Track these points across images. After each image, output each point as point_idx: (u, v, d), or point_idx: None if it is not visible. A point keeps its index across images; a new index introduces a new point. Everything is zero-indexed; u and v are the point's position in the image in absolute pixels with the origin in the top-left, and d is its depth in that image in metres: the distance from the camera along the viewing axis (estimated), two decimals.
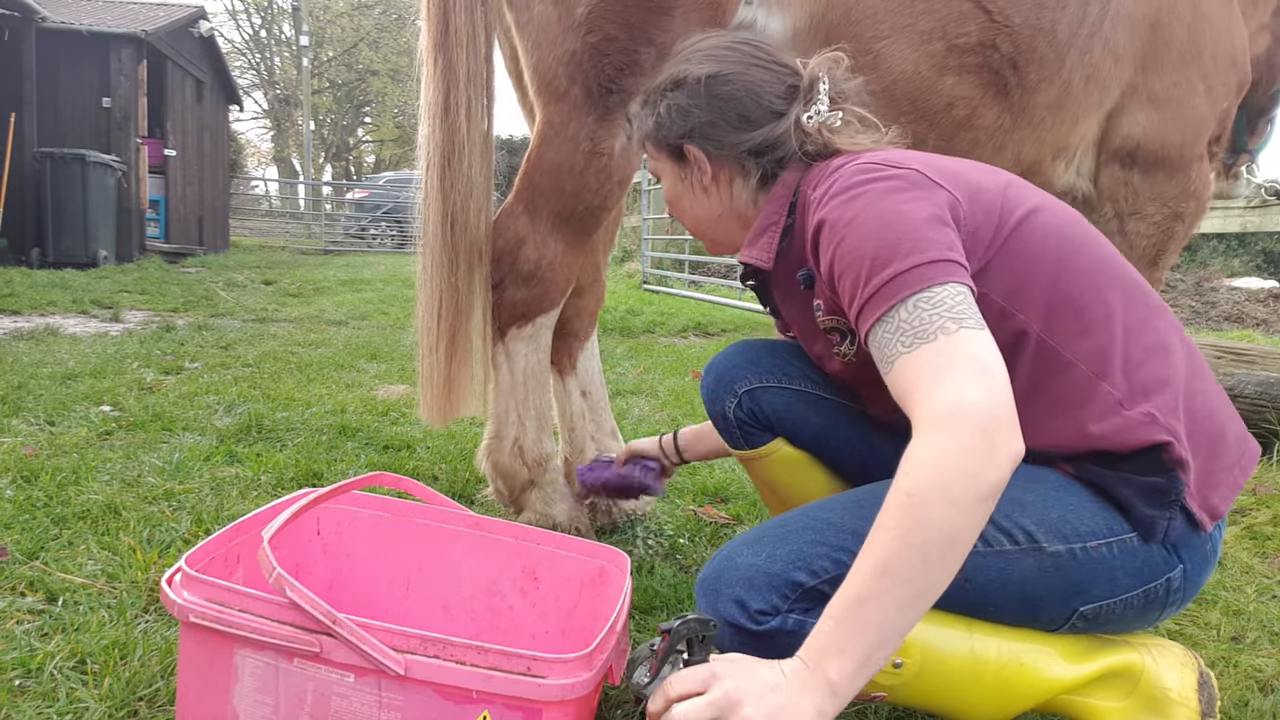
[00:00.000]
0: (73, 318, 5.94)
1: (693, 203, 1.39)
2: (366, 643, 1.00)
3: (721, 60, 1.32)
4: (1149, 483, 1.13)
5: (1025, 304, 1.14)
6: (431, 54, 1.87)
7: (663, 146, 1.37)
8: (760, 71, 1.31)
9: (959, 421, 0.93)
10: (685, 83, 1.32)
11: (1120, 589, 1.16)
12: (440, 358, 1.93)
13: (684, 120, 1.32)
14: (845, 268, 1.09)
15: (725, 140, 1.31)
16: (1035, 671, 1.17)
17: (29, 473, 2.29)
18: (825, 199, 1.17)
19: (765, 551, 1.14)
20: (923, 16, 1.89)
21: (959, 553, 0.93)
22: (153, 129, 12.75)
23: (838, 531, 1.14)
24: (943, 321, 1.00)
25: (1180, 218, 2.20)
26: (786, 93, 1.31)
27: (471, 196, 1.90)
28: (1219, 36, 2.10)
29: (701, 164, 1.34)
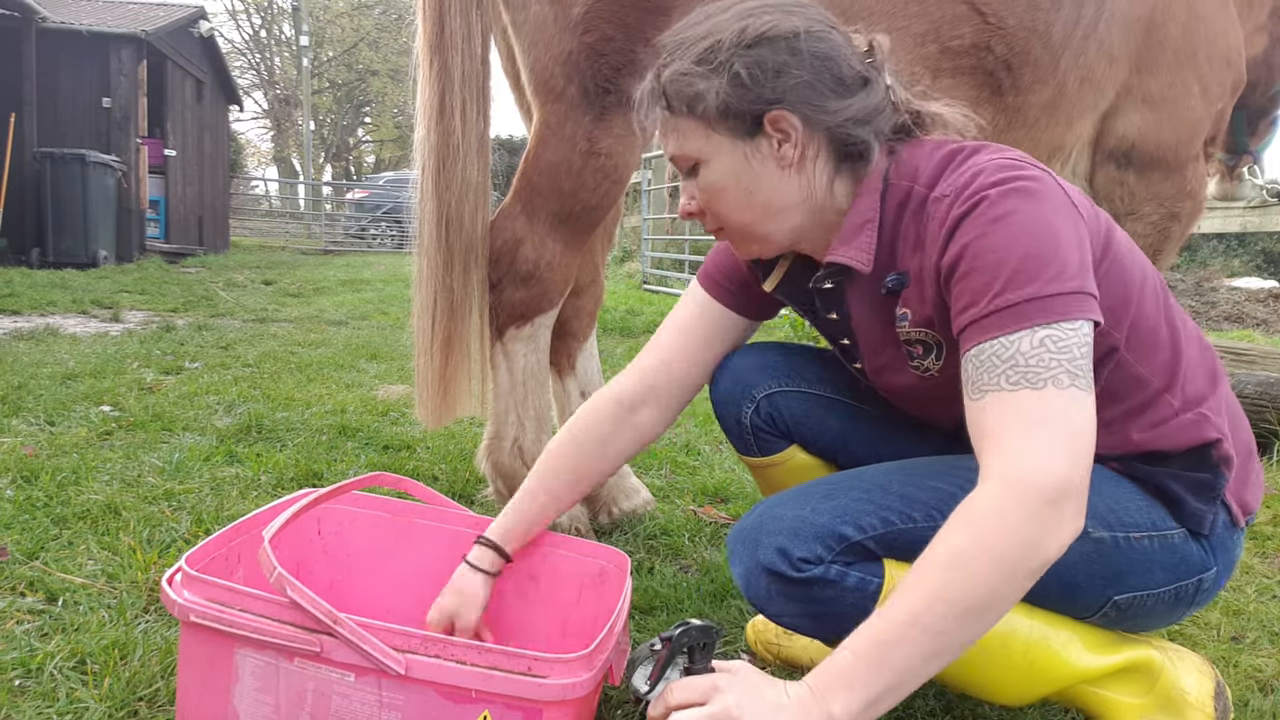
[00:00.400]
0: (73, 318, 5.94)
1: (768, 187, 1.15)
2: (367, 642, 1.00)
3: (804, 14, 1.12)
4: (1197, 478, 1.16)
5: (1118, 322, 1.12)
6: (427, 56, 1.87)
7: (737, 116, 1.12)
8: (838, 34, 1.14)
9: (1035, 490, 0.90)
10: (773, 38, 1.09)
11: (1156, 583, 1.16)
12: (436, 359, 1.93)
13: (776, 81, 1.10)
14: (979, 267, 1.00)
15: (828, 106, 1.11)
16: (1061, 654, 1.18)
17: (29, 473, 2.29)
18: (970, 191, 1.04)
19: (810, 505, 1.12)
20: (917, 19, 1.90)
21: (994, 619, 0.91)
22: (153, 129, 12.75)
23: (885, 493, 1.12)
24: (1058, 373, 0.94)
25: (1177, 217, 2.20)
26: (863, 58, 1.15)
27: (467, 198, 1.90)
28: (1214, 37, 2.10)
29: (792, 135, 1.12)
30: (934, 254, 1.08)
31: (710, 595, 1.79)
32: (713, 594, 1.80)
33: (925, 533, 1.06)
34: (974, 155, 1.10)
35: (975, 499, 0.93)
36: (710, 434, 3.26)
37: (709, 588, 1.82)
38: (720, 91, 1.11)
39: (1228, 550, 1.20)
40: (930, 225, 1.09)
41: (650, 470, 2.73)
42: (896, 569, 1.12)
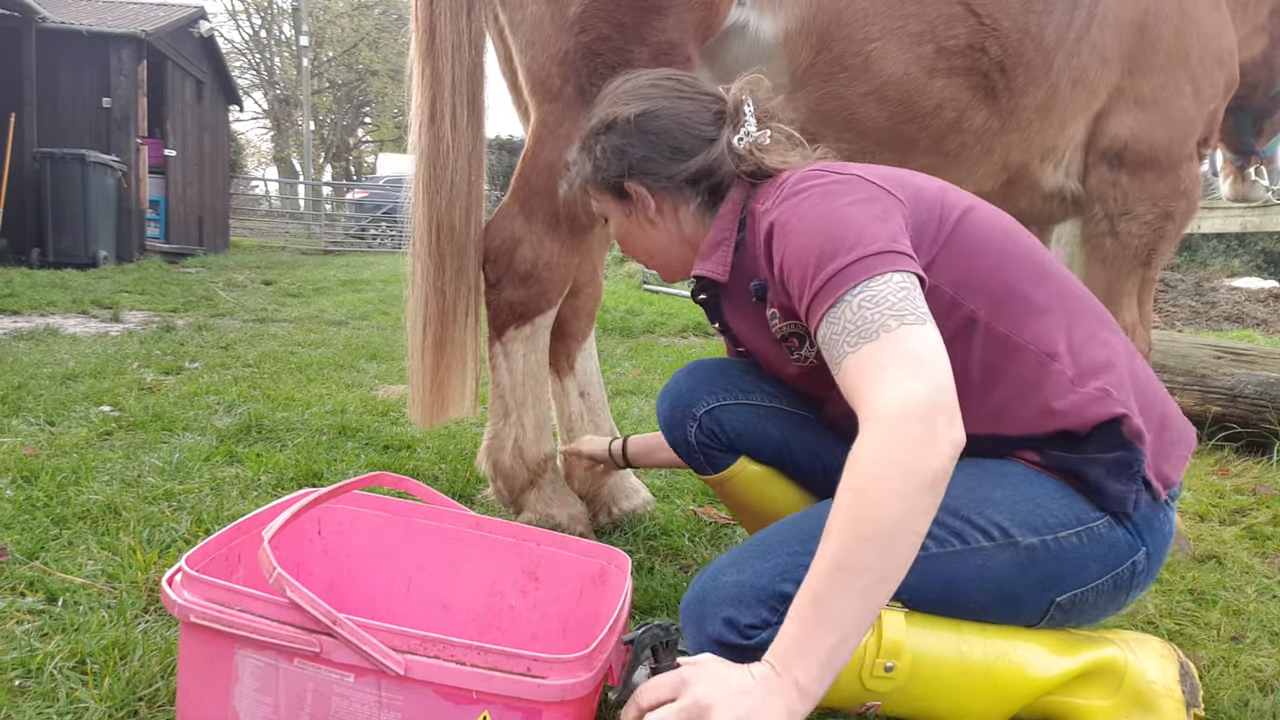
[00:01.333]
0: (73, 318, 5.94)
1: (642, 236, 1.44)
2: (366, 643, 1.00)
3: (647, 98, 1.37)
4: (1112, 458, 1.17)
5: (972, 293, 1.20)
6: (418, 62, 1.89)
7: (604, 187, 1.42)
8: (686, 103, 1.37)
9: (899, 414, 0.96)
10: (616, 124, 1.37)
11: (1091, 575, 1.20)
12: (428, 361, 1.94)
13: (620, 160, 1.37)
14: (793, 265, 1.14)
15: (663, 173, 1.36)
16: (1022, 668, 1.19)
17: (29, 473, 2.29)
18: (774, 205, 1.23)
19: (749, 569, 1.16)
20: (912, 19, 1.91)
21: (909, 542, 0.96)
22: (153, 129, 12.75)
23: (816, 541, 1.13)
24: (884, 319, 1.03)
25: (1171, 217, 2.21)
26: (714, 119, 1.37)
27: (457, 202, 1.91)
28: (1206, 38, 2.11)
29: (644, 198, 1.39)
30: (764, 260, 1.25)
31: None
32: None
33: None
34: (789, 176, 1.26)
35: (857, 445, 0.99)
36: None
37: None
38: (593, 169, 1.41)
39: (1155, 528, 1.22)
40: (757, 236, 1.27)
41: (650, 470, 2.73)
42: None
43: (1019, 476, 1.21)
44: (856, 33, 1.89)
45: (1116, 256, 2.26)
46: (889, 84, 1.93)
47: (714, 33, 1.86)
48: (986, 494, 1.18)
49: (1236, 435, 3.26)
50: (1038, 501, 1.19)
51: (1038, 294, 1.22)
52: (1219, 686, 1.52)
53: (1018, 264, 1.23)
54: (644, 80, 1.42)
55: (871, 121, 1.96)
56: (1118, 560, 1.20)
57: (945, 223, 1.21)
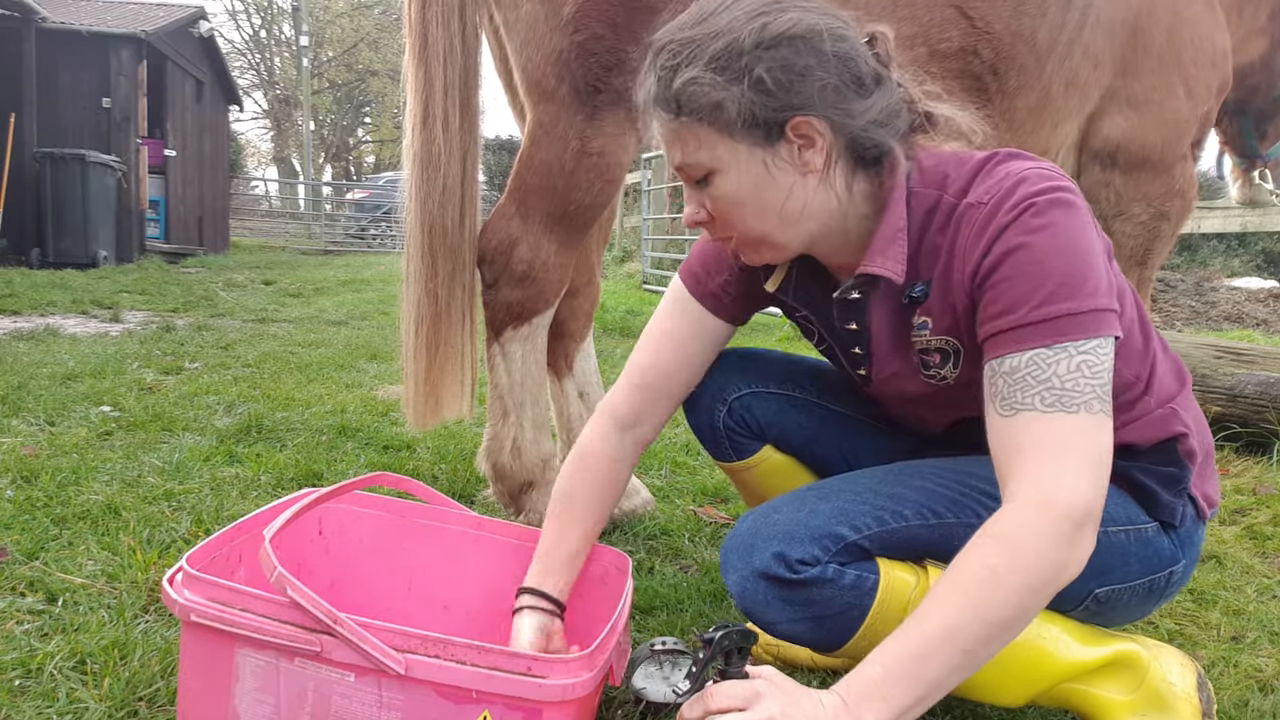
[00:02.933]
0: (73, 318, 5.94)
1: (786, 195, 1.08)
2: (367, 642, 1.00)
3: (820, 10, 1.06)
4: (1165, 472, 1.20)
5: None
6: (411, 65, 1.90)
7: (755, 127, 1.05)
8: (851, 29, 1.08)
9: (1066, 514, 0.93)
10: (794, 37, 1.02)
11: (1132, 575, 1.20)
12: (421, 363, 1.95)
13: (802, 84, 1.02)
14: (1018, 275, 1.00)
15: (853, 109, 1.05)
16: (1053, 649, 1.21)
17: (29, 473, 2.29)
18: (1015, 202, 1.02)
19: (806, 508, 1.13)
20: (905, 22, 1.91)
21: (1016, 634, 0.94)
22: (153, 129, 12.75)
23: (875, 495, 1.15)
24: (1090, 399, 0.97)
25: (1166, 217, 2.22)
26: (873, 55, 1.08)
27: (450, 204, 1.91)
28: (1199, 40, 2.12)
29: (819, 142, 1.06)
30: (969, 260, 1.05)
31: (710, 595, 1.79)
32: (713, 594, 1.80)
33: (917, 530, 1.14)
34: (1008, 162, 1.08)
35: (1007, 519, 0.95)
36: None
37: (709, 588, 1.82)
38: (742, 98, 1.03)
39: (1194, 543, 1.25)
40: (964, 232, 1.06)
41: (650, 470, 2.73)
42: (889, 566, 1.15)
43: None
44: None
45: (1112, 256, 2.26)
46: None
47: None
48: None
49: (1236, 435, 3.26)
50: None
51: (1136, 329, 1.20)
52: (1219, 686, 1.52)
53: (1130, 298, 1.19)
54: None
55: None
56: (1158, 566, 1.22)
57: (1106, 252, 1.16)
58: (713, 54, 1.04)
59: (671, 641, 1.41)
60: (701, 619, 1.69)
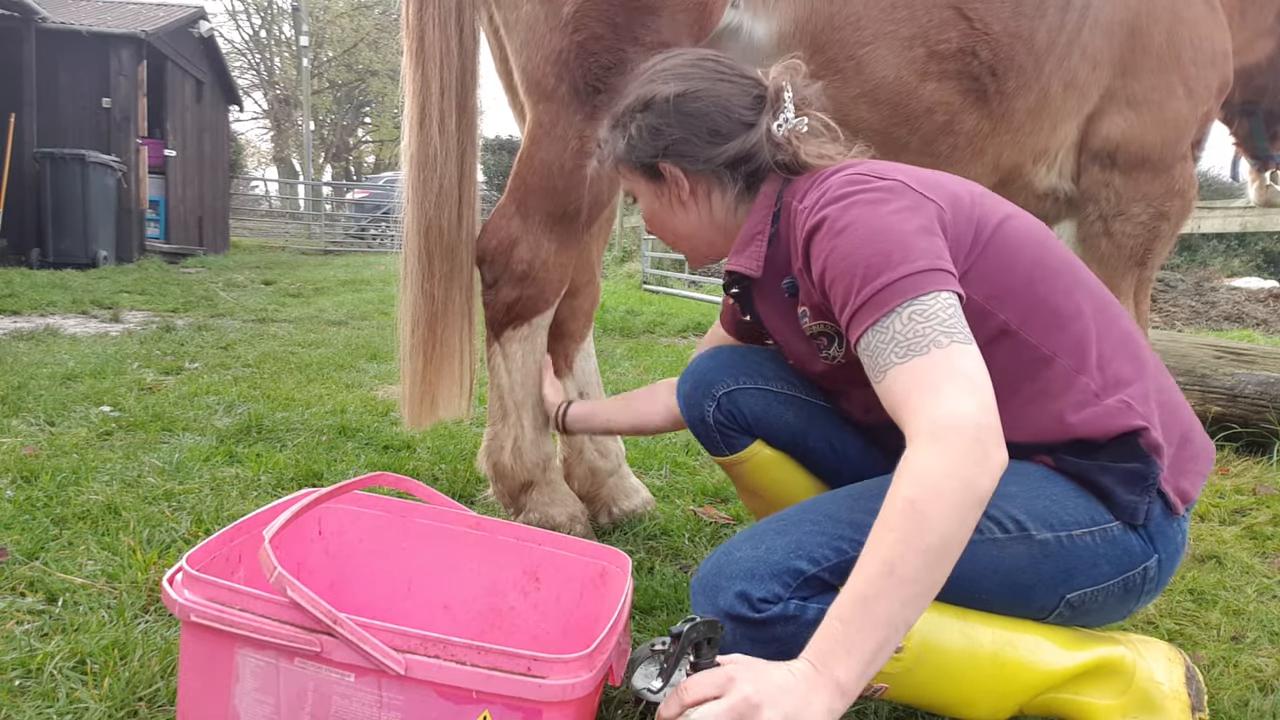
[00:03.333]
0: (73, 318, 5.94)
1: (671, 218, 1.42)
2: (367, 642, 1.00)
3: (687, 78, 1.34)
4: (1127, 468, 1.18)
5: (1004, 304, 1.20)
6: (408, 67, 1.90)
7: (637, 167, 1.39)
8: (726, 85, 1.34)
9: (955, 433, 0.99)
10: (654, 103, 1.34)
11: (1103, 576, 1.20)
12: (417, 363, 1.96)
13: (656, 139, 1.35)
14: (838, 274, 1.14)
15: (699, 155, 1.34)
16: (1030, 658, 1.20)
17: (29, 473, 2.29)
18: (817, 208, 1.21)
19: (764, 544, 1.17)
20: (904, 23, 1.91)
21: (955, 555, 0.98)
22: (153, 129, 12.74)
23: (835, 523, 1.17)
24: (935, 335, 1.05)
25: (1166, 216, 2.22)
26: (754, 103, 1.34)
27: (446, 205, 1.92)
28: (1199, 40, 2.12)
29: (678, 180, 1.36)
30: (798, 259, 1.26)
31: None
32: None
33: None
34: (832, 174, 1.25)
35: (912, 457, 1.00)
36: None
37: None
38: (621, 148, 1.39)
39: (1168, 538, 1.23)
40: (794, 233, 1.27)
41: (650, 470, 2.73)
42: None
43: (1036, 475, 1.22)
44: (849, 36, 1.90)
45: (1111, 256, 2.27)
46: (881, 87, 1.94)
47: (707, 34, 1.86)
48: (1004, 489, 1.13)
49: (1236, 435, 3.26)
50: (1053, 498, 1.19)
51: (1069, 305, 1.22)
52: (1219, 686, 1.52)
53: (1050, 275, 1.23)
54: (683, 60, 1.39)
55: (863, 124, 1.97)
56: (1130, 564, 1.21)
57: (981, 233, 1.21)
58: (614, 116, 1.41)
59: None
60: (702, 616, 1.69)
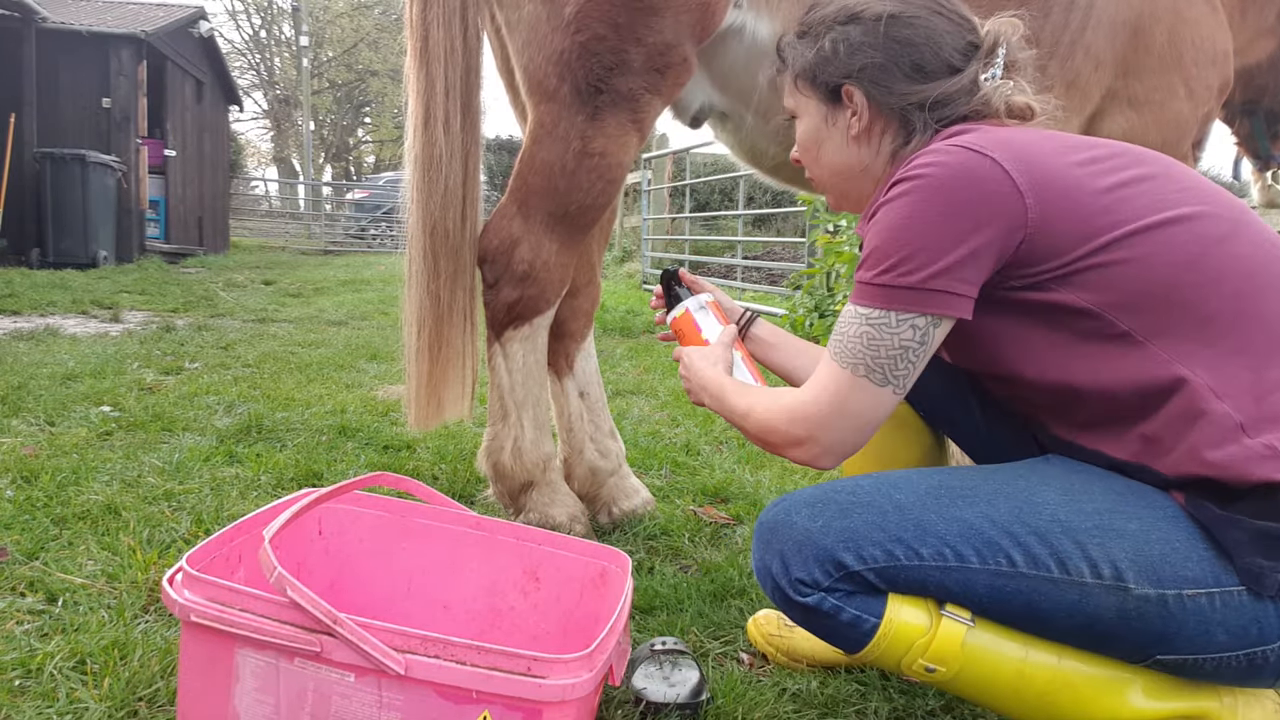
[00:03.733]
0: (73, 318, 5.94)
1: (836, 150, 1.29)
2: (367, 642, 1.00)
3: (904, 0, 1.22)
4: (1263, 527, 0.99)
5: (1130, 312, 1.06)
6: (413, 67, 1.90)
7: (819, 84, 1.27)
8: (942, 20, 1.22)
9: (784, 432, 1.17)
10: (861, 18, 1.22)
11: (1215, 646, 1.02)
12: (423, 364, 1.95)
13: (853, 58, 1.22)
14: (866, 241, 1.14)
15: (895, 88, 1.21)
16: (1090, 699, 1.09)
17: (29, 473, 2.29)
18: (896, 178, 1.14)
19: (821, 519, 1.10)
20: None
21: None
22: (153, 129, 12.74)
23: (901, 518, 1.08)
24: (857, 364, 1.10)
25: None
26: (966, 48, 1.22)
27: (451, 206, 1.92)
28: (1200, 40, 2.12)
29: (861, 110, 1.24)
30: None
31: (710, 595, 1.79)
32: (713, 594, 1.80)
33: (930, 571, 1.06)
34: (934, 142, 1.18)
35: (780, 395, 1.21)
36: (710, 434, 3.26)
37: (709, 588, 1.82)
38: (808, 59, 1.27)
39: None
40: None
41: (650, 470, 2.73)
42: (898, 606, 1.08)
43: (1164, 515, 1.04)
44: None
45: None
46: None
47: (710, 34, 1.86)
48: (1122, 525, 1.03)
49: None
50: (1174, 545, 1.02)
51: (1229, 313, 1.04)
52: None
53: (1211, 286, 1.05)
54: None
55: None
56: (1261, 638, 1.01)
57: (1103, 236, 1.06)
58: (807, 22, 1.29)
59: (671, 641, 1.41)
60: (701, 619, 1.69)
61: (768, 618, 1.59)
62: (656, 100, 1.88)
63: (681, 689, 1.34)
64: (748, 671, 1.51)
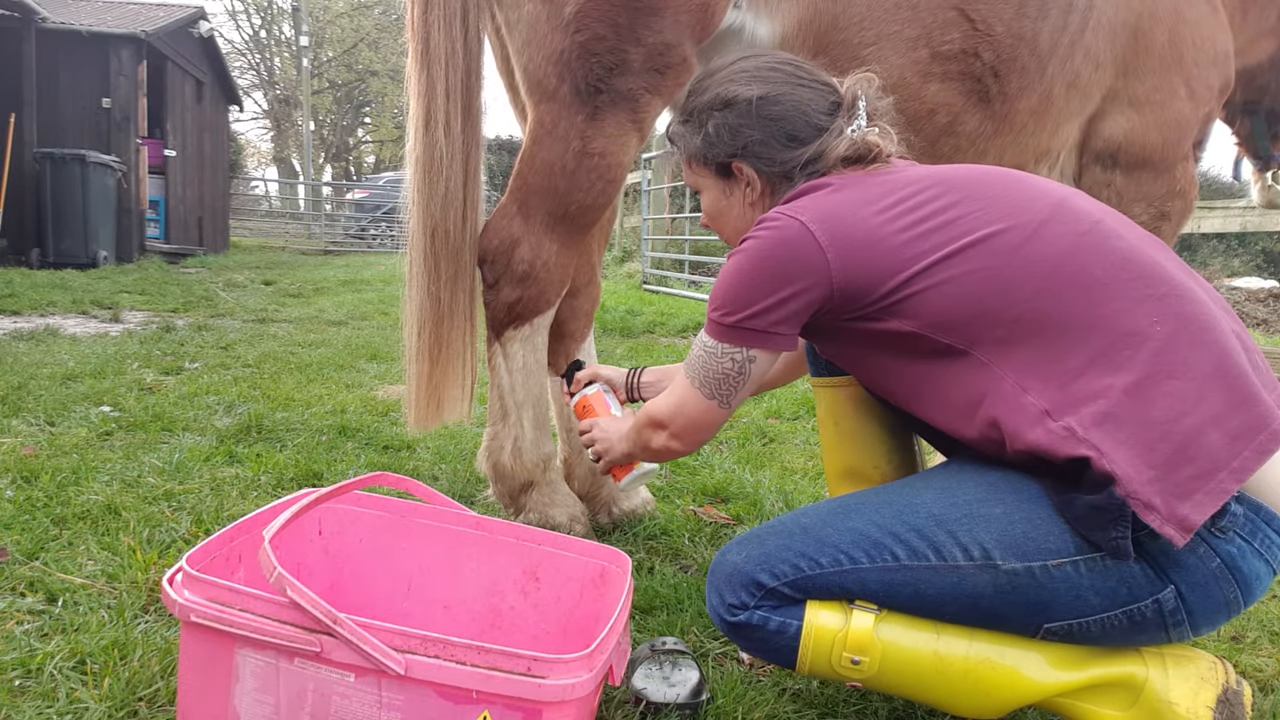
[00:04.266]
0: (73, 318, 5.94)
1: (739, 216, 1.46)
2: (367, 642, 1.00)
3: (769, 81, 1.38)
4: (1089, 501, 1.10)
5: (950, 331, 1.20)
6: (414, 69, 1.90)
7: (710, 163, 1.44)
8: (805, 90, 1.38)
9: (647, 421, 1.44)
10: (735, 103, 1.38)
11: (1091, 609, 1.14)
12: (424, 365, 1.95)
13: (735, 139, 1.39)
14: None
15: (776, 158, 1.38)
16: (1011, 673, 1.19)
17: (29, 473, 2.29)
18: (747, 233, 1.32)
19: (744, 552, 1.27)
20: (908, 24, 1.92)
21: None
22: (152, 129, 12.74)
23: (805, 536, 1.25)
24: (698, 378, 1.34)
25: (1167, 217, 2.23)
26: (830, 109, 1.38)
27: (452, 207, 1.92)
28: (1200, 40, 2.12)
29: (752, 180, 1.41)
30: None
31: None
32: None
33: (830, 575, 1.22)
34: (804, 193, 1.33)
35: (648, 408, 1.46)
36: None
37: None
38: (697, 144, 1.44)
39: (1188, 566, 1.10)
40: None
41: None
42: (816, 611, 1.22)
43: (1028, 496, 1.16)
44: (852, 37, 1.90)
45: None
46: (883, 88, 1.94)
47: (710, 34, 1.86)
48: (988, 510, 1.17)
49: None
50: (1036, 524, 1.14)
51: (1033, 321, 1.16)
52: None
53: (1010, 294, 1.17)
54: (763, 62, 1.43)
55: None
56: (1131, 597, 1.12)
57: (904, 271, 1.20)
58: (688, 110, 1.46)
59: (671, 641, 1.42)
60: (701, 619, 1.69)
61: None
62: (656, 100, 1.88)
63: (681, 689, 1.35)
64: (748, 671, 1.51)
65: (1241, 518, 1.11)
